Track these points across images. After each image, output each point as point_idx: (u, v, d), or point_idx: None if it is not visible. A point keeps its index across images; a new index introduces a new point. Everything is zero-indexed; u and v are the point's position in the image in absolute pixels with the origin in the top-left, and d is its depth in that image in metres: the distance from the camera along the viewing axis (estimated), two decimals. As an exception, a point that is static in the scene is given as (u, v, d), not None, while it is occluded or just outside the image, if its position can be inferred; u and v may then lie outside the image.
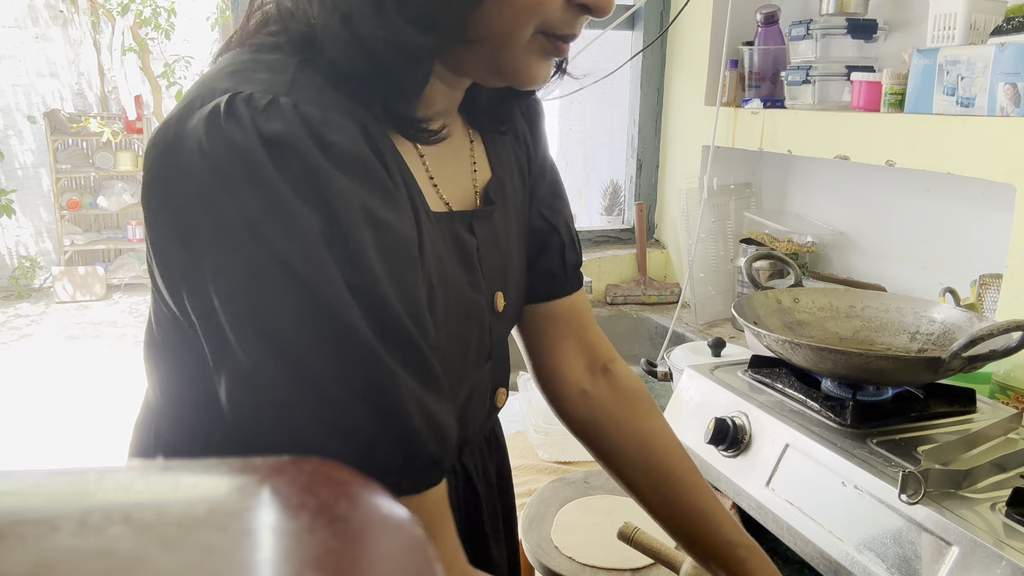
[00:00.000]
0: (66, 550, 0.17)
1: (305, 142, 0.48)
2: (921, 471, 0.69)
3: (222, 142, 0.47)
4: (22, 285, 5.80)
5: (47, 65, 5.77)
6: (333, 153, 0.49)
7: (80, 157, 5.83)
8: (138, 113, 5.75)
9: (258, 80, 0.51)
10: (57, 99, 5.85)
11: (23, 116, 5.77)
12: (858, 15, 1.53)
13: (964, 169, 1.24)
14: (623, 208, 2.23)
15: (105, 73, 5.94)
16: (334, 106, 0.51)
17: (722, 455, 0.93)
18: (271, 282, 0.47)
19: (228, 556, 0.18)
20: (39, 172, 5.84)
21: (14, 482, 0.21)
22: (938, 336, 0.97)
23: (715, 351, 1.31)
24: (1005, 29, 1.20)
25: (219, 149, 0.47)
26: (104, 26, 5.86)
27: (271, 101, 0.49)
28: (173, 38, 5.81)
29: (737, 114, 1.76)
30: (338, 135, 0.50)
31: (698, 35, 1.89)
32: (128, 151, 5.85)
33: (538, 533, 0.91)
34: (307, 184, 0.48)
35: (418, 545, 0.21)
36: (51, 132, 5.56)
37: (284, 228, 0.47)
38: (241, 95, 0.49)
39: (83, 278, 5.65)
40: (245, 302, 0.48)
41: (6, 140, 5.72)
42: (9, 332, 5.03)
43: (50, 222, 5.90)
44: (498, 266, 0.69)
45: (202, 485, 0.22)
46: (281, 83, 0.50)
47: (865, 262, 1.72)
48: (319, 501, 0.21)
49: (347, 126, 0.51)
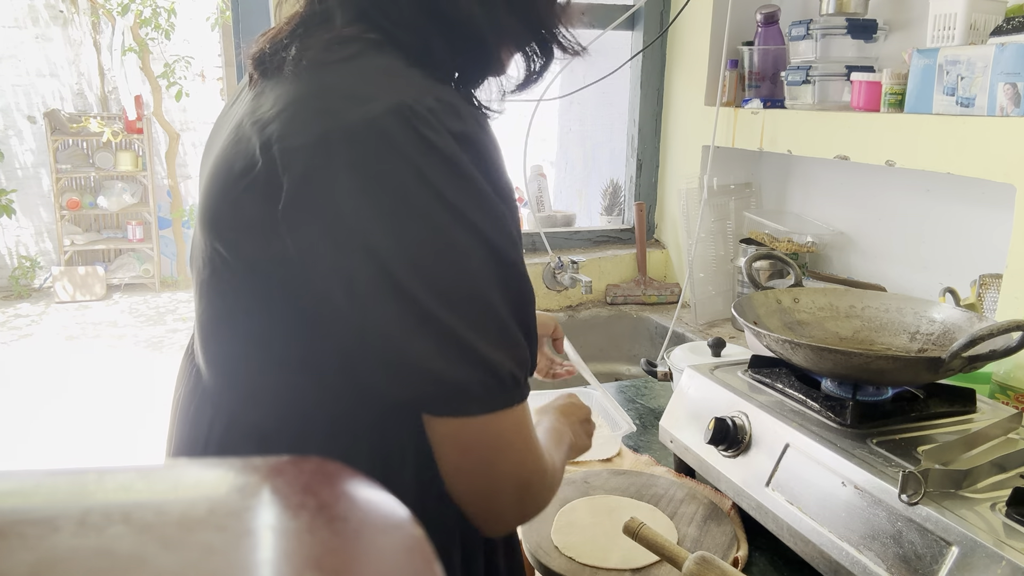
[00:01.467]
0: (66, 550, 0.17)
1: (488, 143, 0.58)
2: (921, 471, 0.69)
3: (425, 145, 0.55)
4: (22, 285, 5.80)
5: (47, 65, 5.77)
6: (495, 144, 0.59)
7: (80, 157, 5.83)
8: (138, 113, 5.75)
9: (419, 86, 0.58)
10: (57, 99, 5.86)
11: (23, 116, 5.77)
12: (858, 15, 1.53)
13: (964, 169, 1.24)
14: (623, 208, 2.23)
15: (105, 73, 5.94)
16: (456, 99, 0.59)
17: (722, 455, 0.93)
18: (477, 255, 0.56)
19: (228, 556, 0.18)
20: (39, 172, 5.84)
21: (14, 482, 0.21)
22: (938, 336, 0.97)
23: (715, 351, 1.31)
24: (1005, 29, 1.20)
25: (425, 151, 0.55)
26: (104, 26, 5.86)
27: (449, 106, 0.57)
28: (173, 38, 5.81)
29: (737, 114, 1.76)
30: (493, 137, 0.60)
31: (698, 35, 1.89)
32: (128, 151, 5.85)
33: (538, 533, 0.91)
34: (493, 175, 0.58)
35: (418, 545, 0.21)
36: (51, 132, 5.56)
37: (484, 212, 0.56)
38: (424, 102, 0.56)
39: (83, 278, 5.65)
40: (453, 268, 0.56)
41: (6, 140, 5.72)
42: (9, 332, 5.03)
43: (50, 222, 5.90)
44: None
45: (202, 485, 0.22)
46: (436, 88, 0.58)
47: (865, 262, 1.72)
48: (319, 501, 0.21)
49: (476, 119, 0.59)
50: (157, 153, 6.02)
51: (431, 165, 0.55)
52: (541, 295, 1.94)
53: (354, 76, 0.59)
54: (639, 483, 1.03)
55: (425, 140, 0.54)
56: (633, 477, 1.05)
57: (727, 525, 0.93)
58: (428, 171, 0.54)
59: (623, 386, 1.48)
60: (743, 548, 0.90)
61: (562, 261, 1.89)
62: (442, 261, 0.55)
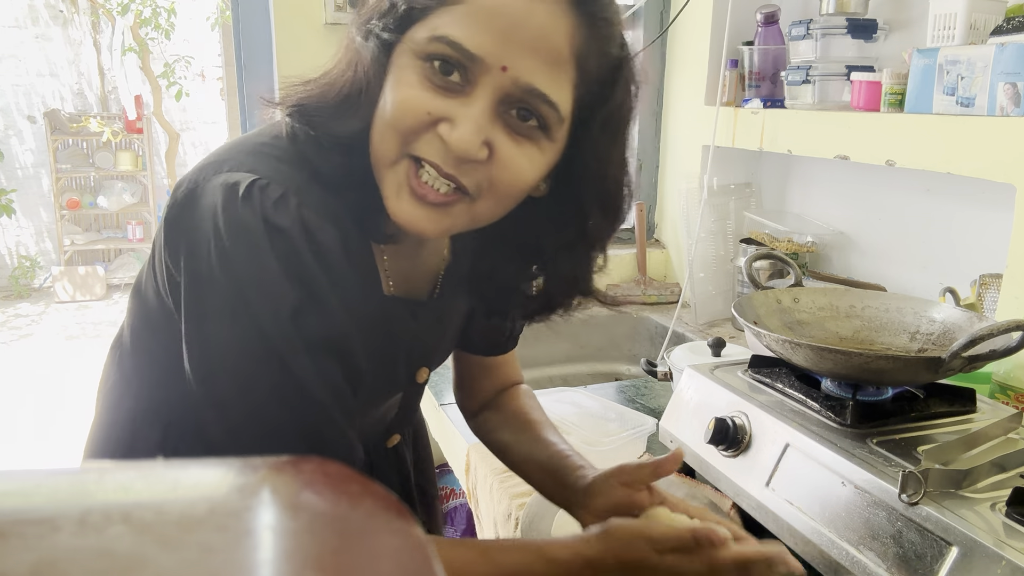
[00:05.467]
0: (66, 550, 0.17)
1: (300, 239, 0.60)
2: (921, 471, 0.69)
3: (235, 219, 0.59)
4: (22, 285, 5.80)
5: (47, 65, 5.77)
6: (317, 253, 0.61)
7: (80, 157, 5.83)
8: (138, 113, 5.75)
9: (276, 170, 0.62)
10: (57, 99, 5.85)
11: (23, 116, 5.76)
12: (858, 15, 1.53)
13: (964, 169, 1.24)
14: (623, 208, 2.23)
15: (105, 73, 5.94)
16: (324, 209, 0.62)
17: (722, 455, 0.93)
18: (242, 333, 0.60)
19: (228, 556, 0.18)
20: (39, 172, 5.84)
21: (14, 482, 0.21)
22: (938, 336, 0.97)
23: (715, 351, 1.31)
24: (1005, 29, 1.19)
25: (232, 224, 0.59)
26: (104, 26, 5.85)
27: (282, 196, 0.60)
28: (173, 38, 5.81)
29: (737, 114, 1.76)
30: (325, 237, 0.61)
31: (698, 35, 1.89)
32: (128, 151, 5.85)
33: (538, 533, 0.91)
34: (293, 268, 0.60)
35: (418, 545, 0.21)
36: (51, 132, 5.56)
37: (265, 296, 0.59)
38: (259, 183, 0.60)
39: (83, 278, 5.65)
40: (223, 339, 0.60)
41: (6, 140, 5.71)
42: (9, 332, 5.03)
43: (50, 222, 5.90)
44: (432, 345, 0.82)
45: (202, 485, 0.22)
46: (290, 182, 0.62)
47: (865, 262, 1.72)
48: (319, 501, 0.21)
49: (331, 232, 0.62)
50: (157, 153, 6.02)
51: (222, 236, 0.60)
52: (541, 295, 1.94)
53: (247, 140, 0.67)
54: (639, 483, 1.03)
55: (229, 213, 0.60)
56: (633, 477, 1.05)
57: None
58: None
59: (623, 386, 1.48)
60: (743, 548, 0.90)
61: (562, 261, 1.89)
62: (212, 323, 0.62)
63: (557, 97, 0.61)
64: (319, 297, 0.61)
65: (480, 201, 0.63)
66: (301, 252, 0.60)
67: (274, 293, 0.59)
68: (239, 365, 0.60)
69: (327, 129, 0.64)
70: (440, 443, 1.38)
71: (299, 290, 0.60)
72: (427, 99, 0.59)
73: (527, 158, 0.63)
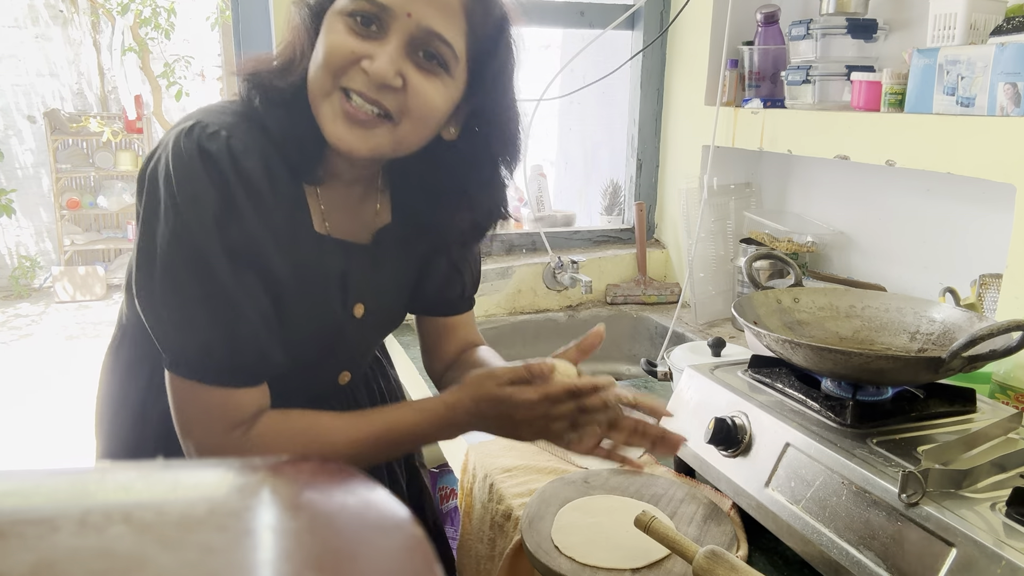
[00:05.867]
0: (66, 549, 0.17)
1: (225, 161, 0.74)
2: (921, 471, 0.70)
3: (177, 151, 0.74)
4: (22, 285, 5.80)
5: (47, 65, 5.77)
6: (239, 171, 0.75)
7: (80, 157, 5.83)
8: (138, 113, 5.75)
9: (221, 119, 0.77)
10: (57, 99, 5.85)
11: (23, 116, 5.77)
12: (858, 15, 1.53)
13: (964, 169, 1.24)
14: (623, 208, 2.23)
15: (105, 73, 5.94)
16: (253, 145, 0.76)
17: (722, 455, 0.93)
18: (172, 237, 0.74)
19: (228, 556, 0.18)
20: (39, 172, 5.84)
21: (14, 482, 0.21)
22: (938, 336, 0.97)
23: (715, 351, 1.31)
24: (1005, 29, 1.20)
25: (175, 155, 0.74)
26: (104, 26, 5.85)
27: (216, 131, 0.75)
28: (173, 38, 5.82)
29: (737, 114, 1.76)
30: (248, 163, 0.75)
31: (698, 35, 1.89)
32: (128, 151, 5.85)
33: (538, 533, 0.91)
34: (218, 182, 0.74)
35: (418, 545, 0.21)
36: (51, 132, 5.56)
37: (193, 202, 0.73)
38: (200, 124, 0.75)
39: (83, 278, 5.65)
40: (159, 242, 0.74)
41: (6, 140, 5.71)
42: (9, 332, 5.03)
43: (50, 222, 5.90)
44: (366, 284, 0.91)
45: (202, 485, 0.22)
46: (229, 124, 0.76)
47: (865, 262, 1.72)
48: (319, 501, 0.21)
49: (256, 160, 0.76)
50: (157, 153, 6.02)
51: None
52: (541, 295, 1.94)
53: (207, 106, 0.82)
54: (639, 483, 1.03)
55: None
56: (633, 477, 1.05)
57: (727, 525, 0.93)
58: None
59: (623, 386, 1.48)
60: (743, 548, 0.90)
61: (562, 261, 1.89)
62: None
63: (451, 38, 0.77)
64: (240, 211, 0.74)
65: (401, 125, 0.78)
66: (225, 171, 0.73)
67: (201, 201, 0.73)
68: (168, 260, 0.74)
69: (271, 84, 0.79)
70: (440, 443, 1.38)
71: (221, 202, 0.73)
72: (352, 42, 0.75)
73: (434, 88, 0.78)
